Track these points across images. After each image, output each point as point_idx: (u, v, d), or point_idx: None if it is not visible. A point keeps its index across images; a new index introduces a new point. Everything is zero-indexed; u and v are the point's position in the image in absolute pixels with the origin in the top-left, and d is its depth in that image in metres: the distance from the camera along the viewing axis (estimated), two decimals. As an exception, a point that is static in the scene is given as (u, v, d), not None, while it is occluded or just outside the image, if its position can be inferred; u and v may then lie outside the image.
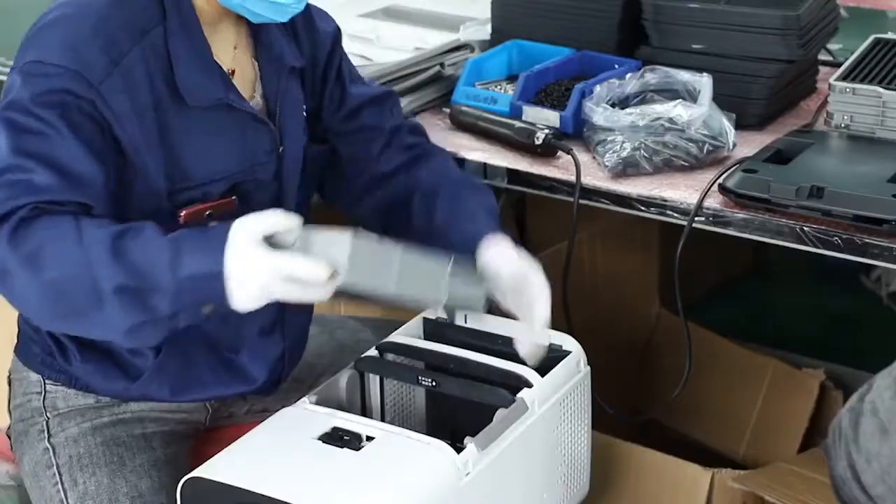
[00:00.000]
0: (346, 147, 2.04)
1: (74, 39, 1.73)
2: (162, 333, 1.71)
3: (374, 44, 2.59)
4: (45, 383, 1.95)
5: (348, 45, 2.31)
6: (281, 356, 1.98)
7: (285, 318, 1.97)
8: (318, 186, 2.07)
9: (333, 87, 2.03)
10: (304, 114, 1.98)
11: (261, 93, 1.91)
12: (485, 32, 2.59)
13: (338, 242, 1.66)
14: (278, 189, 1.92)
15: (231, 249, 1.64)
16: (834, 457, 1.63)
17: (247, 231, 1.65)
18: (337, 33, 2.05)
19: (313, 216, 1.93)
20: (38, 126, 1.70)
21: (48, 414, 1.94)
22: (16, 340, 2.00)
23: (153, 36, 1.78)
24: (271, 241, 1.66)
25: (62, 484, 1.89)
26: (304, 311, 2.02)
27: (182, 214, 1.81)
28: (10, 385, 2.01)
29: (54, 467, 1.90)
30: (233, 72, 1.88)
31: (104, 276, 1.64)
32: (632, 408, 2.80)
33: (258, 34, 1.91)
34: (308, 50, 1.98)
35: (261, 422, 1.86)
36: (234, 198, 1.86)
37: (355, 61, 2.45)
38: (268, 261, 1.63)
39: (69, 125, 1.71)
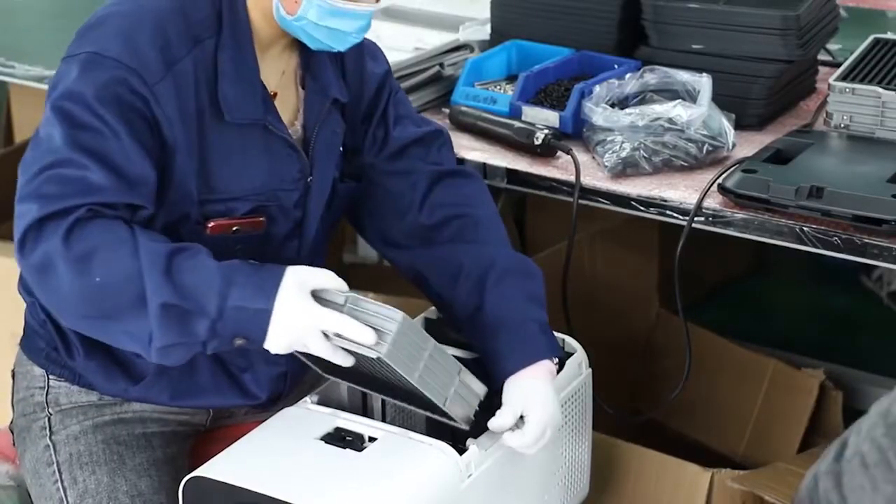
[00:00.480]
0: (389, 187, 2.01)
1: (134, 37, 1.74)
2: (188, 356, 1.73)
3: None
4: (48, 378, 1.95)
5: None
6: (283, 375, 1.98)
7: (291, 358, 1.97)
8: (357, 226, 2.06)
9: (377, 127, 2.01)
10: (341, 148, 1.98)
11: (302, 122, 1.92)
12: (484, 32, 2.59)
13: (387, 318, 1.70)
14: (301, 217, 1.92)
15: (283, 292, 1.69)
16: None
17: (299, 279, 1.70)
18: (386, 76, 2.02)
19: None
20: (95, 123, 1.71)
21: (50, 409, 1.94)
22: (21, 334, 2.00)
23: (206, 46, 1.79)
24: (318, 296, 1.71)
25: (62, 482, 1.89)
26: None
27: (209, 226, 1.82)
28: (13, 378, 2.01)
29: (55, 465, 1.90)
30: (275, 95, 1.88)
31: (153, 290, 1.66)
32: (631, 408, 2.81)
33: (308, 63, 1.91)
34: (354, 87, 1.98)
35: (262, 422, 1.87)
36: (262, 218, 1.86)
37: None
38: (315, 312, 1.69)
39: (126, 124, 1.72)
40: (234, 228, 1.84)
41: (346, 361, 1.73)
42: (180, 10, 1.78)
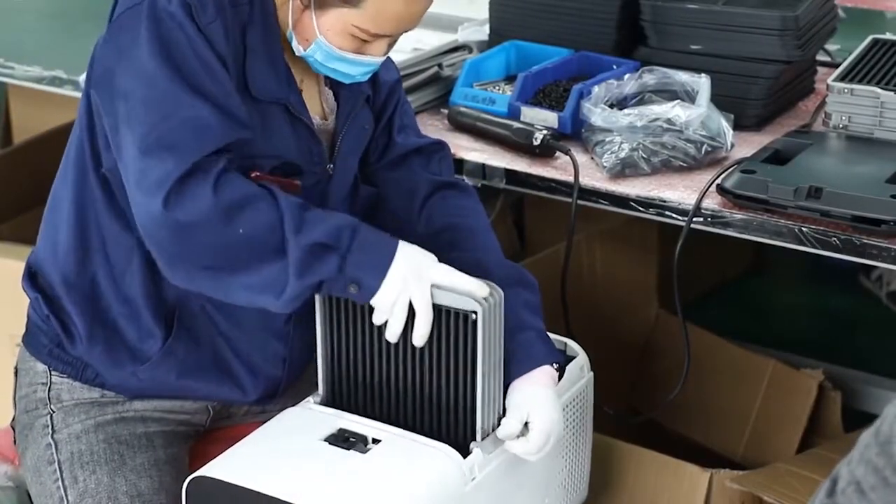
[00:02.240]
0: (388, 194, 2.03)
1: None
2: (297, 305, 1.77)
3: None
4: (51, 374, 1.95)
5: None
6: (277, 380, 1.98)
7: (293, 350, 1.98)
8: None
9: (381, 133, 2.03)
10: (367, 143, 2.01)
11: (335, 115, 1.94)
12: (483, 33, 2.59)
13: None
14: (320, 205, 1.90)
15: (404, 243, 1.78)
16: None
17: (412, 252, 1.79)
18: (396, 84, 2.04)
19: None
20: (193, 63, 1.73)
21: (53, 406, 1.94)
22: (18, 335, 2.00)
23: (240, 13, 1.79)
24: None
25: (63, 480, 1.89)
26: (310, 349, 2.02)
27: (252, 175, 1.82)
28: (16, 376, 2.01)
29: (56, 463, 1.90)
30: (301, 81, 1.89)
31: (293, 239, 1.71)
32: (630, 408, 2.81)
33: None
34: (371, 84, 1.99)
35: (261, 422, 1.86)
36: (298, 182, 1.87)
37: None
38: (432, 263, 1.79)
39: (215, 60, 1.75)
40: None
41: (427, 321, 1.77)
42: None
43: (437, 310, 1.76)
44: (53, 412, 1.94)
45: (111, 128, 1.77)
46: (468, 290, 1.76)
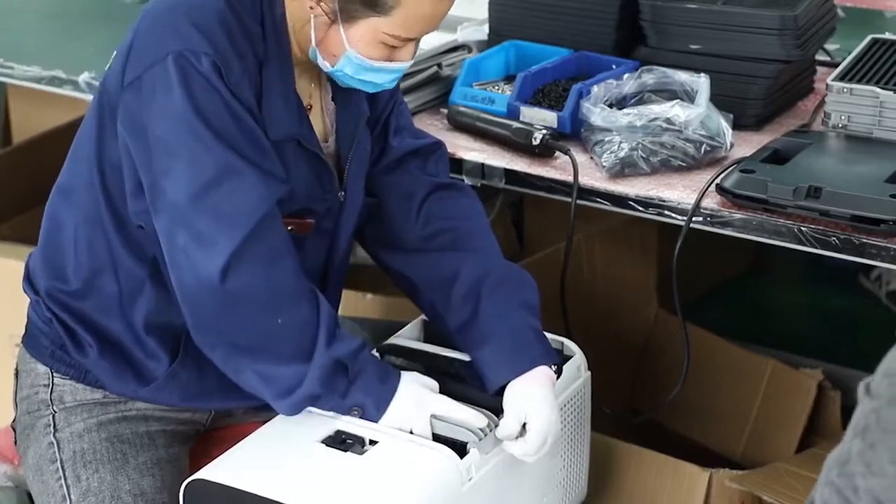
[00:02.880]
0: (386, 197, 2.03)
1: (209, 31, 1.74)
2: (313, 405, 1.81)
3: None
4: (53, 376, 1.95)
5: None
6: None
7: None
8: (360, 238, 2.08)
9: (377, 137, 2.03)
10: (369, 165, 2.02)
11: (335, 137, 1.93)
12: (482, 33, 2.59)
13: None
14: (333, 230, 1.94)
15: (407, 378, 1.84)
16: None
17: (412, 383, 1.84)
18: (394, 89, 2.03)
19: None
20: (227, 120, 1.73)
21: (55, 407, 1.94)
22: (17, 335, 2.00)
23: (253, 57, 1.79)
24: None
25: (65, 479, 1.89)
26: None
27: None
28: (16, 377, 2.01)
29: (58, 462, 1.90)
30: (310, 108, 1.90)
31: (323, 346, 1.76)
32: (630, 408, 2.81)
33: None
34: (368, 98, 1.99)
35: (261, 422, 1.87)
36: (311, 220, 1.89)
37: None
38: (431, 399, 1.83)
39: (244, 109, 1.76)
40: (290, 228, 1.85)
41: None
42: (235, 9, 1.77)
43: (435, 438, 1.81)
44: (56, 412, 1.94)
45: (149, 186, 1.76)
46: (466, 422, 1.81)
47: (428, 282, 1.98)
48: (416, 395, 1.81)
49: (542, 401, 1.85)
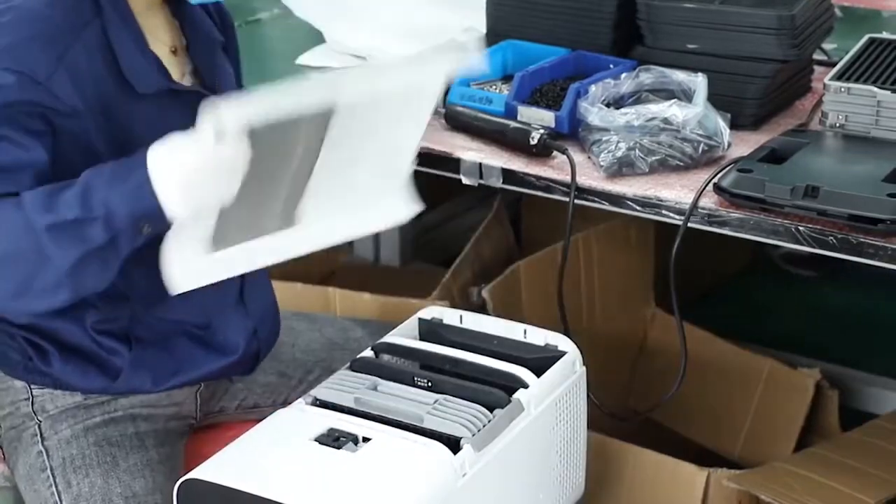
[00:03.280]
0: None
1: (15, 43, 1.73)
2: (110, 269, 1.70)
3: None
4: (30, 388, 1.94)
5: (344, 45, 2.31)
6: (253, 332, 1.99)
7: (244, 293, 1.98)
8: None
9: (235, 67, 2.05)
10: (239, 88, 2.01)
11: (190, 69, 1.93)
12: (479, 32, 2.58)
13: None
14: None
15: (152, 154, 1.65)
16: None
17: (164, 146, 1.66)
18: (231, 16, 2.05)
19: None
20: None
21: (39, 417, 1.93)
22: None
23: (93, 27, 1.78)
24: None
25: (56, 486, 1.89)
26: (263, 287, 2.02)
27: None
28: None
29: (48, 470, 1.90)
30: (175, 50, 1.90)
31: (38, 221, 1.64)
32: (627, 407, 2.81)
33: (183, 14, 1.92)
34: (220, 30, 2.00)
35: (254, 420, 1.87)
36: None
37: (351, 61, 2.45)
38: (187, 156, 1.64)
39: (9, 124, 1.71)
40: None
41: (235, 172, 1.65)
42: (55, 3, 1.77)
43: (429, 434, 1.79)
44: (41, 422, 1.93)
45: None
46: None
47: None
48: (169, 148, 1.67)
49: None
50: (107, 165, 1.69)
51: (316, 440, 1.77)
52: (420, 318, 2.08)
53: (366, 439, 1.78)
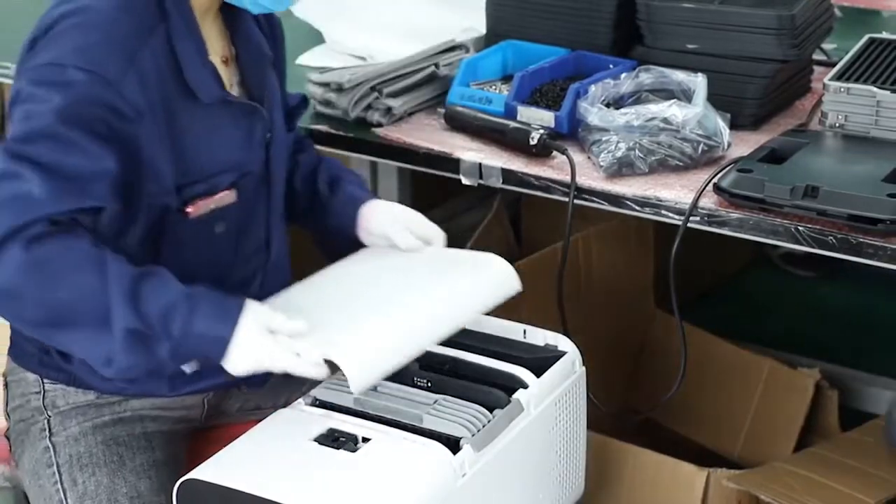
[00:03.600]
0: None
1: (88, 44, 1.75)
2: (145, 371, 1.76)
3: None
4: (43, 383, 1.94)
5: (344, 45, 2.31)
6: None
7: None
8: None
9: (281, 81, 2.07)
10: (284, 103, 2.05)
11: (237, 79, 1.94)
12: (479, 33, 2.59)
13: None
14: (266, 178, 1.96)
15: (243, 322, 1.73)
16: None
17: (258, 315, 1.75)
18: (282, 28, 2.07)
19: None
20: (51, 132, 1.70)
21: (49, 412, 1.94)
22: (9, 342, 2.00)
23: (158, 34, 1.80)
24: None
25: (62, 483, 1.89)
26: None
27: (189, 212, 1.84)
28: (6, 387, 2.01)
29: (54, 466, 1.90)
30: (226, 60, 1.91)
31: (120, 314, 1.69)
32: (627, 407, 2.81)
33: (235, 25, 1.94)
34: (269, 42, 2.02)
35: (255, 421, 1.87)
36: (234, 190, 1.89)
37: (351, 61, 2.45)
38: (269, 351, 1.74)
39: (84, 129, 1.72)
40: (212, 208, 1.86)
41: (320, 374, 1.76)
42: (123, 4, 1.78)
43: (429, 434, 1.81)
44: (50, 416, 1.93)
45: None
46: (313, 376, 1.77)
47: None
48: (259, 327, 1.74)
49: (404, 209, 2.04)
50: (199, 292, 1.74)
51: (315, 440, 1.77)
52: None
53: (365, 439, 1.78)
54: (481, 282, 1.96)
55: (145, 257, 1.80)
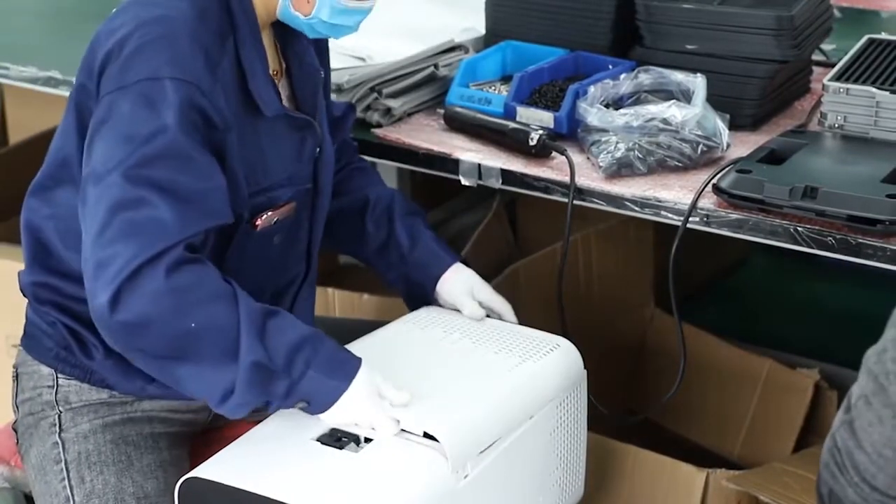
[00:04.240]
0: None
1: (178, 54, 1.74)
2: (252, 409, 1.76)
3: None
4: (57, 377, 1.94)
5: (343, 45, 2.31)
6: None
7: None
8: None
9: (326, 97, 2.07)
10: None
11: (287, 94, 1.94)
12: (479, 33, 2.59)
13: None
14: (314, 191, 1.97)
15: (360, 377, 1.77)
16: (840, 487, 1.58)
17: (372, 377, 1.79)
18: (328, 42, 2.08)
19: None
20: (163, 152, 1.71)
21: (60, 408, 1.94)
22: (22, 334, 1.99)
23: (230, 44, 1.80)
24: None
25: (69, 480, 1.89)
26: (304, 313, 2.06)
27: (257, 223, 1.86)
28: (17, 379, 2.00)
29: (62, 462, 1.90)
30: (276, 73, 1.92)
31: (247, 347, 1.69)
32: (626, 408, 2.81)
33: (289, 42, 1.95)
34: (318, 57, 2.03)
35: (257, 420, 1.87)
36: (293, 203, 1.92)
37: (350, 62, 2.45)
38: (375, 411, 1.78)
39: (196, 142, 1.73)
40: (275, 220, 1.89)
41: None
42: (201, 14, 1.78)
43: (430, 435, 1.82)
44: (62, 412, 1.93)
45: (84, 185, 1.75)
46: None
47: (343, 216, 2.12)
48: (371, 389, 1.78)
49: (478, 279, 2.09)
50: (320, 337, 1.76)
51: (318, 440, 1.78)
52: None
53: (367, 439, 1.78)
54: (549, 371, 1.98)
55: None
